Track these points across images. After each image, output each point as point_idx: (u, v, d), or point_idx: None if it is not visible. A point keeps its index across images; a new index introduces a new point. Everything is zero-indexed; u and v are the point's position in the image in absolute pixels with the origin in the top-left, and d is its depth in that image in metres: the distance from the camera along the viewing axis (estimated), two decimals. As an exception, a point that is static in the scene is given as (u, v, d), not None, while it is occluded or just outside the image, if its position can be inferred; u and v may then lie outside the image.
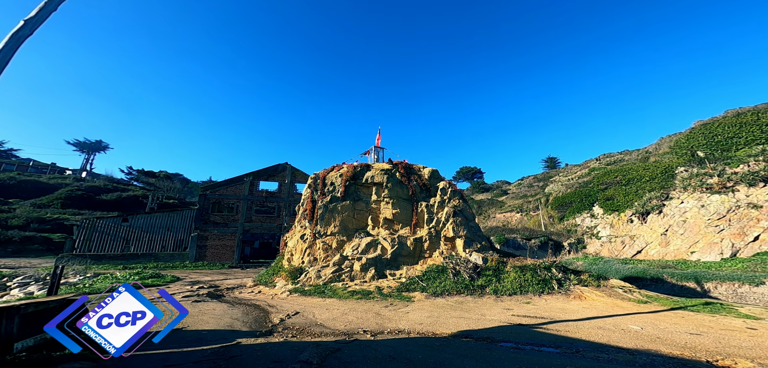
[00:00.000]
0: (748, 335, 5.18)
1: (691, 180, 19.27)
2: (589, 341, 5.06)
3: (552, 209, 28.34)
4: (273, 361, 3.81)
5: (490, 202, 39.23)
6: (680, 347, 4.46)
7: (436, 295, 9.39)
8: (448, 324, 6.39)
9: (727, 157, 19.39)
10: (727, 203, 16.60)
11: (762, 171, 16.43)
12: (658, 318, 6.32)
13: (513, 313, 7.31)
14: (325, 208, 13.60)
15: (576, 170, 35.55)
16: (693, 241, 16.17)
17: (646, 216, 20.11)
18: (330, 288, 10.01)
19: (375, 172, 14.19)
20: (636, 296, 8.10)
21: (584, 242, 22.21)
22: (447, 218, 12.87)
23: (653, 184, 21.66)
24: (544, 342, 5.14)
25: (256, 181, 25.77)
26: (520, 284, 9.43)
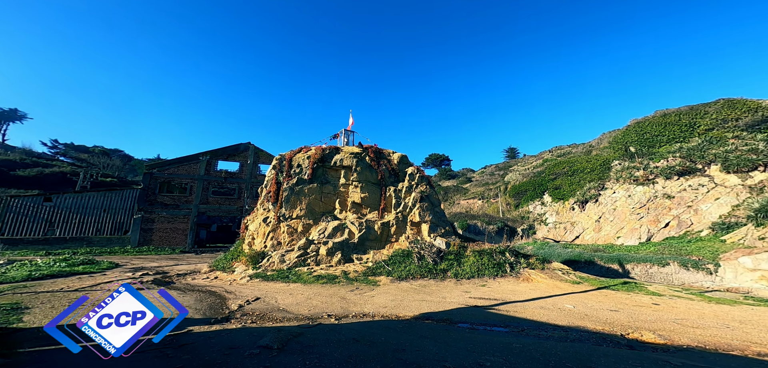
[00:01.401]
0: (652, 310, 6.20)
1: (622, 173, 22.08)
2: (533, 320, 5.64)
3: (509, 196, 30.69)
4: (229, 348, 3.63)
5: (455, 189, 41.10)
6: (602, 322, 5.21)
7: (400, 279, 9.69)
8: (411, 307, 6.63)
9: (652, 152, 22.42)
10: (647, 194, 19.43)
11: (677, 166, 19.36)
12: (587, 296, 7.30)
13: (470, 295, 7.84)
14: (291, 190, 13.11)
15: (532, 161, 38.55)
16: (619, 227, 18.80)
17: (584, 205, 22.76)
18: (294, 273, 9.82)
19: (344, 155, 13.96)
20: (572, 277, 9.26)
21: (535, 228, 24.55)
22: (414, 204, 13.22)
23: (593, 175, 24.42)
24: (495, 322, 5.62)
25: (213, 160, 23.80)
26: (478, 268, 10.16)
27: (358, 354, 3.42)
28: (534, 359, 3.41)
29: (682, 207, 17.17)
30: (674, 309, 6.09)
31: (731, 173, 16.86)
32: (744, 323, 5.13)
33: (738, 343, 4.00)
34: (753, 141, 17.87)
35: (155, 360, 3.16)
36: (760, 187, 15.24)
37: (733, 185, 16.35)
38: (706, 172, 18.07)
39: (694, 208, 16.70)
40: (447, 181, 47.74)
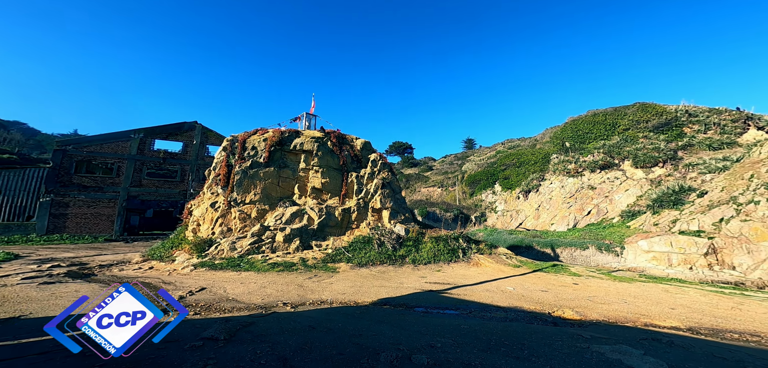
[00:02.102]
0: (573, 289, 7.24)
1: (558, 165, 25.01)
2: (480, 302, 6.16)
3: (465, 185, 32.78)
4: (164, 341, 3.27)
5: (417, 177, 42.40)
6: (535, 302, 5.94)
7: (361, 265, 9.79)
8: (370, 293, 6.73)
9: (582, 148, 25.71)
10: (576, 185, 22.40)
11: (600, 160, 22.56)
12: (524, 279, 8.25)
13: (426, 280, 8.25)
14: (244, 174, 12.16)
15: (487, 152, 41.45)
16: (553, 215, 21.48)
17: (528, 194, 25.41)
18: (247, 261, 9.27)
19: (305, 139, 13.35)
20: (513, 261, 10.37)
21: (486, 216, 26.74)
22: (376, 190, 13.32)
23: (536, 167, 27.22)
24: (447, 306, 5.97)
25: (149, 139, 20.86)
26: (435, 254, 10.74)
27: (313, 341, 3.37)
28: (479, 339, 3.70)
29: (601, 197, 20.19)
30: (589, 287, 7.23)
31: (638, 167, 20.19)
32: (637, 298, 6.32)
33: (631, 316, 4.93)
34: (656, 141, 21.53)
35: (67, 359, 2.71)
36: (658, 180, 18.58)
37: (639, 178, 19.65)
38: (620, 166, 21.36)
39: (610, 198, 19.75)
40: (409, 169, 48.60)
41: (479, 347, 3.35)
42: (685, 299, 6.16)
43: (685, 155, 18.93)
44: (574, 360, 2.92)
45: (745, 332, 4.19)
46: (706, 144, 19.09)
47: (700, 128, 20.50)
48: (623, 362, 2.88)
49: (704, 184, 15.21)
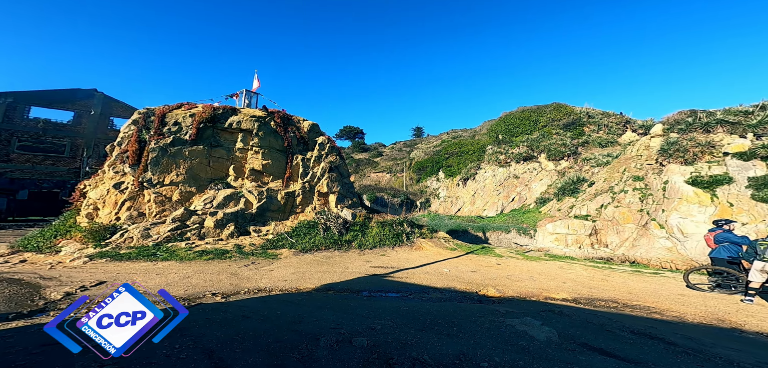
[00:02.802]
0: (496, 269, 8.33)
1: (492, 156, 28.03)
2: (419, 284, 6.58)
3: (413, 172, 34.33)
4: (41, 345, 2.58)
5: (367, 162, 42.64)
6: (466, 283, 6.65)
7: (304, 251, 9.54)
8: (313, 278, 6.62)
9: (511, 141, 29.23)
10: (505, 174, 25.55)
11: (524, 153, 25.99)
12: (459, 261, 9.18)
13: (371, 265, 8.49)
14: (163, 152, 10.41)
15: (433, 141, 43.75)
16: (486, 201, 24.24)
17: (466, 182, 27.99)
18: (166, 249, 8.11)
19: (244, 117, 12.03)
20: (450, 245, 11.42)
21: (430, 202, 28.62)
22: (323, 174, 12.91)
23: (474, 157, 29.98)
24: (390, 289, 6.22)
25: (21, 105, 16.22)
26: (380, 238, 11.07)
27: (246, 331, 3.14)
28: (416, 319, 3.93)
29: (523, 186, 23.51)
30: (508, 267, 8.45)
31: (550, 160, 23.93)
32: (541, 274, 7.63)
33: (536, 291, 5.96)
34: (564, 137, 25.71)
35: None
36: (563, 172, 22.40)
37: (550, 169, 23.37)
38: (538, 159, 25.00)
39: (529, 186, 23.12)
40: (360, 154, 48.57)
41: (416, 327, 3.56)
42: (573, 274, 7.70)
43: (583, 151, 23.06)
44: (492, 333, 3.34)
45: (609, 299, 5.46)
46: (598, 142, 23.58)
47: (595, 128, 25.14)
48: (527, 332, 3.42)
49: (594, 176, 18.91)
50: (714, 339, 3.55)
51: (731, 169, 12.56)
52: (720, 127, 14.34)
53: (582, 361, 2.68)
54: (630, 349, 2.92)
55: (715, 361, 2.70)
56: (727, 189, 12.05)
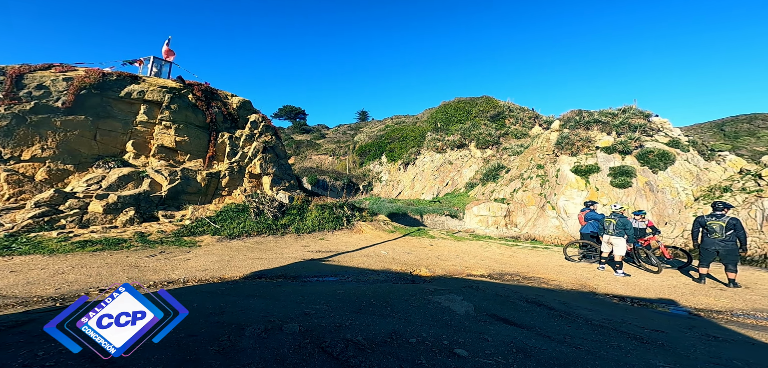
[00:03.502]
0: (429, 249, 8.90)
1: (430, 142, 29.88)
2: (358, 267, 6.66)
3: (356, 155, 34.21)
4: None
5: (308, 143, 40.93)
6: (402, 264, 7.05)
7: (232, 237, 8.66)
8: (242, 266, 6.15)
9: (448, 129, 31.61)
10: (441, 160, 27.67)
11: (457, 141, 28.48)
12: (396, 243, 9.67)
13: (309, 249, 8.25)
14: (19, 120, 7.92)
15: (377, 125, 44.20)
16: (424, 186, 25.96)
17: (407, 166, 29.31)
18: (26, 240, 6.31)
19: (149, 87, 9.93)
20: (389, 227, 11.92)
21: (372, 185, 29.11)
22: (255, 154, 11.71)
23: (414, 143, 31.45)
24: (327, 273, 6.15)
25: None
26: (320, 222, 10.78)
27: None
28: (352, 302, 3.95)
29: (455, 171, 25.91)
30: (439, 247, 9.30)
31: (479, 148, 26.86)
32: (465, 253, 8.64)
33: (460, 268, 6.74)
34: (490, 128, 29.04)
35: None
36: (488, 159, 25.49)
37: (478, 157, 26.28)
38: (468, 147, 27.77)
39: (461, 172, 25.62)
40: (301, 135, 46.53)
41: (351, 310, 3.58)
42: (489, 252, 8.98)
43: (504, 141, 26.48)
44: (422, 311, 3.60)
45: (513, 273, 6.53)
46: (515, 134, 27.39)
47: (514, 121, 29.03)
48: (450, 308, 3.82)
49: (510, 163, 22.06)
50: (579, 301, 4.63)
51: (599, 160, 16.26)
52: (595, 125, 18.27)
53: (491, 330, 3.13)
54: (525, 316, 3.58)
55: (578, 321, 3.52)
56: (596, 177, 15.64)
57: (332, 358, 2.24)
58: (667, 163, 14.70)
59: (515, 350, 2.66)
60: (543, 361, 2.43)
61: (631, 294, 5.40)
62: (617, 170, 15.24)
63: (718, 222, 6.12)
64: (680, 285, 6.18)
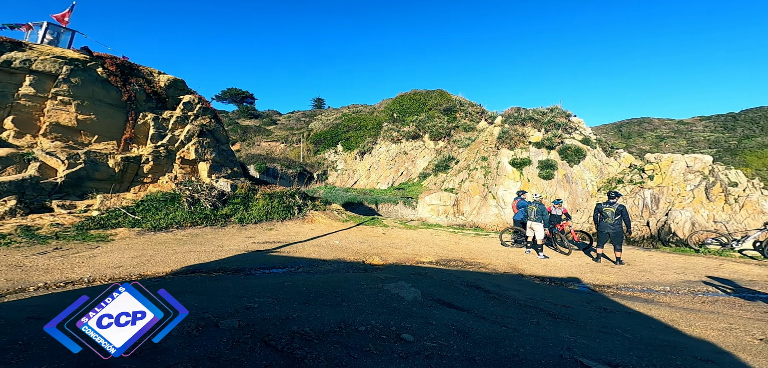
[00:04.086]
0: (382, 238, 8.84)
1: (387, 133, 30.22)
2: (309, 258, 6.42)
3: (311, 143, 32.96)
4: None
5: (257, 129, 38.67)
6: (354, 253, 7.03)
7: (157, 229, 7.59)
8: (170, 260, 5.48)
9: (404, 120, 32.25)
10: (396, 150, 28.23)
11: (412, 132, 29.30)
12: (350, 232, 9.60)
13: (254, 240, 7.69)
14: None
15: (334, 113, 43.04)
16: (380, 175, 26.24)
17: (363, 155, 29.21)
18: None
19: (38, 56, 8.15)
20: (343, 216, 11.76)
21: (327, 174, 28.36)
22: (189, 138, 10.30)
23: (371, 132, 31.44)
24: (275, 265, 5.84)
25: None
26: (268, 211, 10.08)
27: (34, 339, 2.17)
28: (301, 293, 3.79)
29: (410, 161, 26.75)
30: (392, 236, 9.52)
31: (432, 140, 28.08)
32: (416, 241, 8.98)
33: (411, 256, 7.00)
34: (443, 121, 30.51)
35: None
36: (440, 150, 26.86)
37: (431, 148, 27.50)
38: (423, 138, 28.85)
39: (415, 162, 26.54)
40: (248, 120, 43.84)
41: (300, 301, 3.44)
42: (438, 239, 9.54)
43: (454, 134, 28.10)
44: (372, 299, 3.61)
45: (458, 259, 7.02)
46: (464, 127, 29.23)
47: (464, 115, 30.93)
48: (399, 295, 3.93)
49: (459, 155, 23.61)
50: (510, 283, 5.23)
51: (531, 154, 18.49)
52: (529, 122, 20.65)
53: (435, 315, 3.31)
54: (465, 300, 3.89)
55: (507, 302, 3.95)
56: (528, 169, 17.78)
57: (276, 351, 2.13)
58: (580, 158, 17.43)
59: (456, 332, 2.86)
60: (478, 341, 2.66)
61: (549, 275, 6.19)
62: (544, 163, 17.54)
63: (611, 208, 7.22)
64: (583, 265, 7.11)
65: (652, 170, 15.10)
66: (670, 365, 2.33)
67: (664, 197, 14.03)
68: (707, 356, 2.62)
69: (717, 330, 3.35)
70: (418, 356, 2.31)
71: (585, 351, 2.55)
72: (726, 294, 5.35)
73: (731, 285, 5.89)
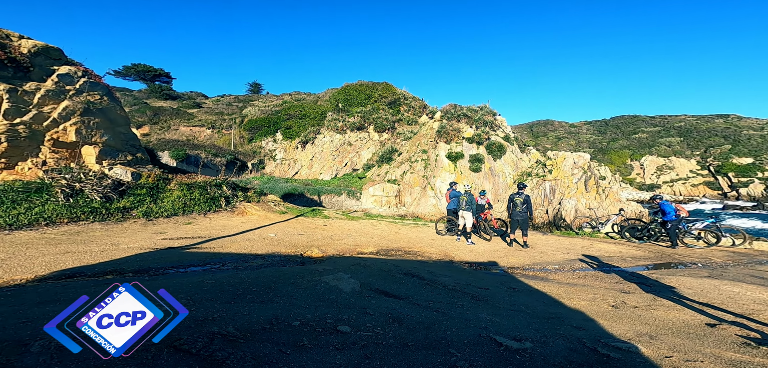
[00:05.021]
0: (322, 230, 8.46)
1: (331, 123, 29.30)
2: (238, 253, 5.78)
3: (245, 130, 29.91)
4: None
5: (175, 112, 33.54)
6: (292, 246, 6.58)
7: (16, 227, 5.86)
8: (34, 265, 4.38)
9: (349, 110, 31.73)
10: (341, 141, 27.64)
11: (357, 123, 29.07)
12: (288, 224, 8.96)
13: (165, 236, 6.58)
14: None
15: (273, 100, 39.96)
16: (323, 165, 25.32)
17: (305, 145, 27.72)
18: None
19: None
20: (281, 208, 10.92)
21: (265, 163, 26.05)
22: (67, 116, 8.09)
23: (315, 121, 30.03)
24: (193, 262, 5.12)
25: None
26: (185, 203, 8.65)
27: None
28: (224, 291, 3.41)
29: (355, 152, 26.55)
30: (333, 228, 9.25)
31: (377, 132, 28.40)
32: (358, 232, 8.52)
33: (352, 247, 6.92)
34: (387, 113, 31.06)
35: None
36: (384, 142, 27.36)
37: (376, 140, 27.80)
38: (367, 129, 28.93)
39: (359, 153, 26.45)
40: (163, 101, 38.84)
41: (223, 300, 3.11)
42: (379, 229, 9.69)
43: (398, 126, 28.95)
44: (309, 292, 3.43)
45: (397, 248, 7.22)
46: (407, 120, 30.35)
47: (407, 109, 32.07)
48: (338, 286, 3.82)
49: (402, 148, 24.49)
50: (442, 270, 5.64)
51: (464, 148, 20.42)
52: (464, 119, 22.69)
53: (373, 304, 3.31)
54: (401, 288, 4.03)
55: (439, 288, 4.25)
56: (461, 162, 19.61)
57: (190, 356, 1.91)
58: (502, 153, 20.03)
59: (391, 320, 2.91)
60: (412, 327, 2.76)
61: (474, 260, 6.85)
62: (474, 158, 19.59)
63: (520, 198, 8.30)
64: (500, 249, 7.83)
65: (551, 166, 18.39)
66: (556, 334, 2.79)
67: (559, 188, 17.27)
68: (579, 323, 3.22)
69: (586, 300, 4.17)
70: (354, 346, 2.28)
71: (498, 328, 2.86)
72: (593, 268, 6.66)
73: (597, 261, 7.05)
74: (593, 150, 51.67)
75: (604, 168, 19.42)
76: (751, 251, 8.88)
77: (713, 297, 4.45)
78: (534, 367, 2.23)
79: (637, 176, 48.78)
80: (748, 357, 2.47)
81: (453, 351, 2.37)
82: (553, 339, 2.70)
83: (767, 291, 4.71)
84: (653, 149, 52.11)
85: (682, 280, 5.37)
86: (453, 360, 2.26)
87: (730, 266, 6.94)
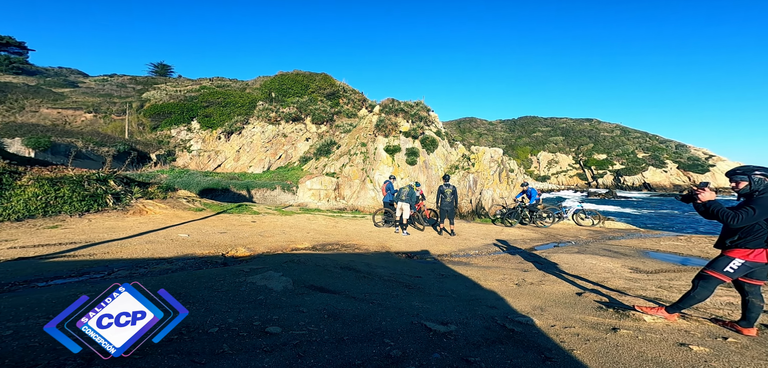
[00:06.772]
0: (250, 227, 7.63)
1: (263, 112, 26.63)
2: (131, 258, 4.75)
3: (146, 116, 24.82)
4: None
5: (33, 90, 26.49)
6: (211, 246, 5.67)
7: None
8: None
9: (284, 100, 29.37)
10: (274, 132, 25.39)
11: (293, 114, 27.15)
12: (205, 222, 7.69)
13: (14, 245, 4.97)
14: None
15: (188, 84, 34.18)
16: (252, 158, 22.81)
17: (230, 135, 24.48)
18: None
19: None
20: (196, 205, 9.30)
21: (175, 155, 21.99)
22: None
23: (242, 110, 26.80)
24: (59, 274, 3.97)
25: None
26: (49, 202, 6.54)
27: None
28: None
29: (290, 144, 24.78)
30: (263, 224, 8.36)
31: (314, 123, 27.09)
32: (292, 228, 8.02)
33: (285, 244, 6.36)
34: (326, 105, 29.95)
35: None
36: (322, 134, 26.33)
37: (313, 132, 26.50)
38: (304, 121, 27.35)
39: (295, 145, 24.80)
40: (13, 76, 30.76)
41: None
42: (316, 224, 9.23)
43: (337, 119, 28.25)
44: (230, 295, 3.05)
45: (334, 243, 6.98)
46: (346, 113, 29.87)
47: (347, 101, 31.53)
48: (267, 286, 3.45)
49: (341, 140, 23.99)
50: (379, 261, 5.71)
51: (401, 142, 21.27)
52: (401, 113, 23.59)
53: (307, 301, 3.10)
54: (338, 282, 3.89)
55: (375, 280, 4.28)
56: (399, 155, 20.38)
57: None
58: (435, 147, 21.63)
59: (327, 315, 2.77)
60: (348, 321, 2.67)
61: (409, 250, 7.03)
62: (410, 151, 20.63)
63: (448, 189, 9.01)
64: (432, 238, 8.16)
65: (474, 159, 20.80)
66: (475, 315, 3.10)
67: (480, 180, 19.70)
68: (493, 303, 3.65)
69: (497, 281, 4.74)
70: (285, 347, 2.15)
71: (428, 314, 3.02)
72: (503, 251, 7.60)
73: (506, 244, 7.96)
74: (505, 146, 60.75)
75: (513, 162, 23.03)
76: (604, 229, 11.81)
77: (581, 269, 5.69)
78: (458, 347, 2.41)
79: (535, 168, 60.11)
80: (601, 318, 3.18)
81: (387, 341, 2.40)
82: (472, 320, 2.99)
83: (611, 262, 6.30)
84: (545, 145, 64.66)
85: (562, 257, 6.69)
86: (387, 349, 2.28)
87: (591, 243, 9.03)
